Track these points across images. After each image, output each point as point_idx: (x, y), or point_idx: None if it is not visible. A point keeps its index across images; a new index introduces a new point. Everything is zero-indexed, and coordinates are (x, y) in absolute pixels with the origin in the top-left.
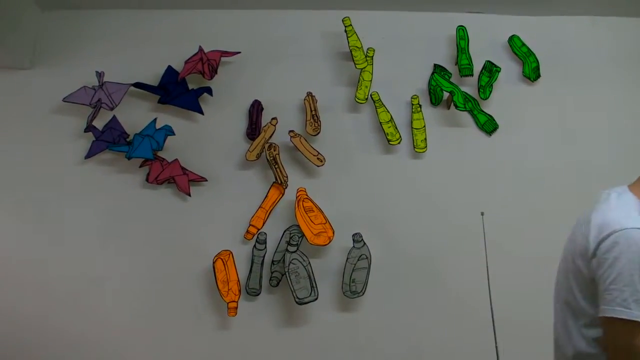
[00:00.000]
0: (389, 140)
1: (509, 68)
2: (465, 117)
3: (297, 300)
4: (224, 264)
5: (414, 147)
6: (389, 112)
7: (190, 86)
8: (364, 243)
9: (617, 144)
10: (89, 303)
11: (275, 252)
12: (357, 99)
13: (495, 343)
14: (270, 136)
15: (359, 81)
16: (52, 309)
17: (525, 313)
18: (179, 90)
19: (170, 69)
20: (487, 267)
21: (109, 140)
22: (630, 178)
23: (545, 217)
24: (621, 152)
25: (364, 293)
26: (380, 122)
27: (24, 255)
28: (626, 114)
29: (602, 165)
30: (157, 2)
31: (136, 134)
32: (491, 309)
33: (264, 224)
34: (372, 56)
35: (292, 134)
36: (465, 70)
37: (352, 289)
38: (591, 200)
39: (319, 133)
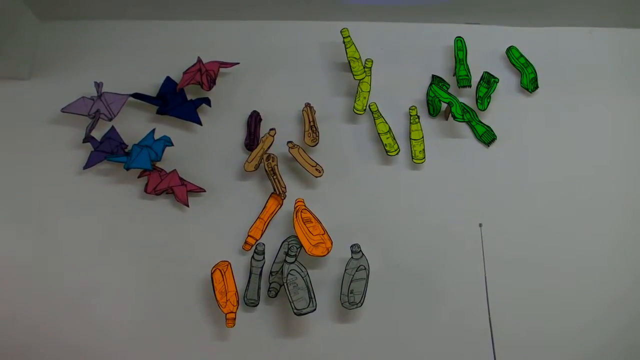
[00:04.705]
0: (387, 151)
1: (507, 79)
2: (464, 128)
3: (295, 311)
4: (222, 275)
5: (412, 158)
6: (387, 122)
7: (189, 97)
8: (362, 254)
9: (616, 155)
10: (87, 312)
11: (274, 262)
12: (355, 110)
13: (494, 353)
14: (269, 147)
15: (357, 92)
16: (50, 317)
17: (523, 324)
18: (178, 101)
19: (168, 80)
20: (485, 278)
21: (107, 150)
22: (629, 188)
23: (544, 228)
24: (620, 163)
25: (362, 304)
26: (379, 133)
27: (22, 264)
28: (625, 124)
29: (601, 176)
30: (156, 12)
31: (134, 144)
32: (489, 320)
33: (262, 234)
34: (371, 67)
35: (290, 144)
36: (463, 81)
37: (350, 299)
38: (590, 211)
39: (317, 144)
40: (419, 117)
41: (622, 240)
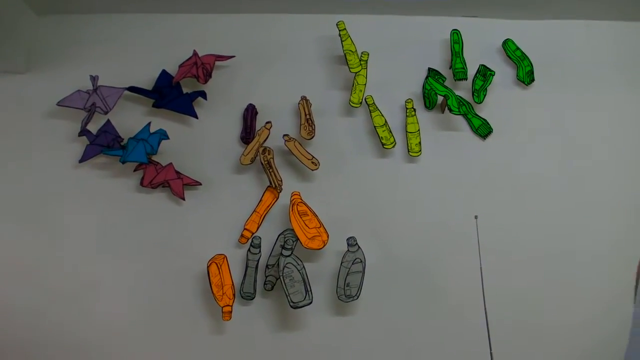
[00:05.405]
0: (383, 144)
1: (503, 72)
2: (460, 121)
3: (291, 304)
4: (218, 268)
5: (409, 151)
6: (383, 116)
7: (185, 90)
8: (359, 247)
9: (611, 147)
10: (84, 306)
11: (270, 256)
12: (351, 103)
13: (490, 346)
14: (265, 140)
15: (353, 85)
16: (47, 311)
17: (519, 316)
18: (174, 94)
19: (164, 73)
20: (480, 270)
21: (103, 144)
22: (626, 181)
23: (539, 220)
24: (615, 156)
25: (358, 297)
26: (375, 126)
27: (18, 257)
28: (620, 117)
29: (596, 169)
30: (152, 6)
31: (130, 138)
32: (485, 312)
33: (258, 228)
34: (367, 60)
35: (286, 137)
36: (460, 74)
37: (346, 292)
38: (585, 205)
39: (313, 137)
40: (415, 110)
41: (620, 233)
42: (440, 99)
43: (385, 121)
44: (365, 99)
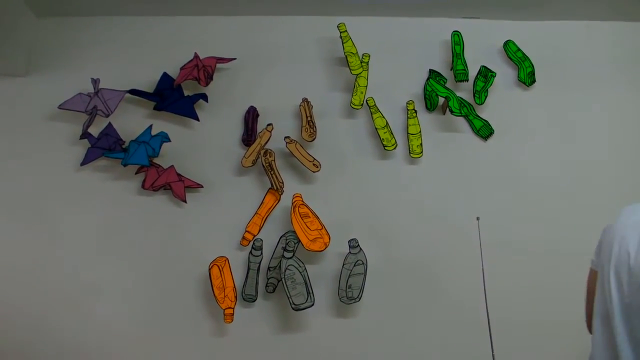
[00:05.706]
0: (384, 146)
1: (504, 73)
2: (461, 122)
3: (293, 306)
4: (220, 271)
5: (410, 153)
6: (384, 117)
7: (186, 92)
8: (360, 249)
9: (612, 148)
10: (85, 309)
11: (271, 258)
12: (352, 105)
13: (492, 347)
14: (266, 142)
15: (354, 87)
16: (49, 314)
17: (521, 317)
18: (175, 96)
19: (165, 76)
20: (482, 271)
21: (104, 147)
22: (626, 180)
23: (541, 221)
24: (616, 157)
25: (360, 299)
26: (376, 128)
27: (20, 261)
28: (621, 118)
29: (597, 170)
30: (153, 8)
31: (132, 140)
32: (487, 313)
33: (259, 230)
34: (368, 62)
35: (287, 140)
36: (461, 75)
37: (348, 294)
38: (586, 205)
39: (314, 139)
40: (416, 111)
41: None
42: (441, 100)
43: (387, 123)
44: (366, 101)
